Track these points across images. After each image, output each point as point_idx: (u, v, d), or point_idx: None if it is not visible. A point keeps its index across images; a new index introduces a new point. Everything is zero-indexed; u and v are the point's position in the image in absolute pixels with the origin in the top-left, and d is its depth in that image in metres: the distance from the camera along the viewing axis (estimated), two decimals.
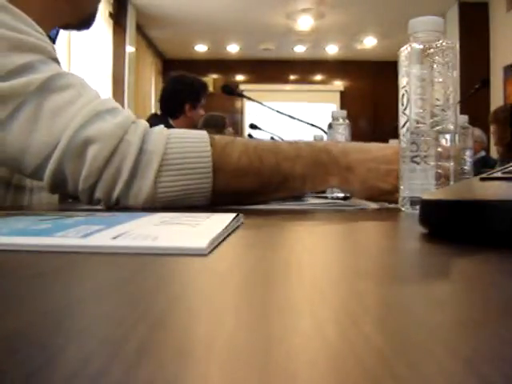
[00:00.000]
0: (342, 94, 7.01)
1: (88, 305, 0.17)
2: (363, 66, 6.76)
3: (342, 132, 1.13)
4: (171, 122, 2.26)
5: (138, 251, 0.27)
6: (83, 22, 0.86)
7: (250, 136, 2.98)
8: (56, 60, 0.62)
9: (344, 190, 0.64)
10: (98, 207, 0.62)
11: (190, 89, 2.34)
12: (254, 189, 0.59)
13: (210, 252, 0.27)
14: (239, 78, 6.95)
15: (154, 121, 2.33)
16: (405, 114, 0.61)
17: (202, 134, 0.59)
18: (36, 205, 0.76)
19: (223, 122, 3.26)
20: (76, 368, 0.11)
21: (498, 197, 0.33)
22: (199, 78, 2.37)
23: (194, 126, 2.39)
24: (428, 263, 0.28)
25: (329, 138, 1.15)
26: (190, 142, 0.57)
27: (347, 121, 1.14)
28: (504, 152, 3.03)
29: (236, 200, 0.60)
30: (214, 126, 2.71)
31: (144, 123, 0.59)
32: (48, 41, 0.63)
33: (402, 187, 0.62)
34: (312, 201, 0.85)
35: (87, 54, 4.10)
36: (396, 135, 0.65)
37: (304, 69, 6.90)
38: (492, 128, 3.33)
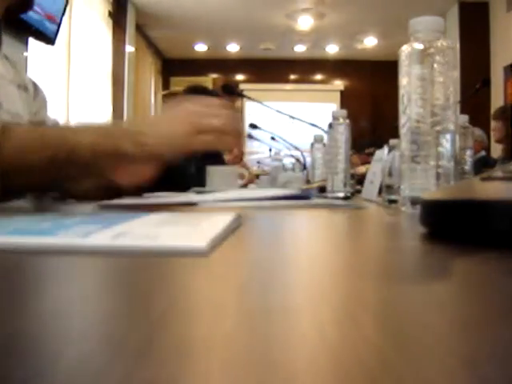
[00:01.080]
0: (342, 93, 7.01)
1: (88, 305, 0.17)
2: (363, 66, 6.76)
3: (343, 131, 1.13)
4: None
5: (137, 251, 0.27)
6: (23, 2, 0.84)
7: (249, 136, 2.99)
8: None
9: (140, 151, 0.59)
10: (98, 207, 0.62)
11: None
12: (43, 164, 0.55)
13: (210, 252, 0.27)
14: (239, 77, 6.95)
15: None
16: (405, 113, 0.61)
17: None
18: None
19: None
20: (76, 368, 0.11)
21: (498, 197, 0.33)
22: (217, 92, 2.38)
23: None
24: (428, 263, 0.28)
25: (329, 138, 1.15)
26: None
27: (347, 120, 1.14)
28: (510, 149, 3.04)
29: (28, 180, 0.56)
30: None
31: None
32: None
33: (402, 187, 0.62)
34: (312, 200, 0.85)
35: (86, 54, 4.10)
36: (396, 135, 0.65)
37: (304, 68, 6.89)
38: (495, 124, 3.32)
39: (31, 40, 3.05)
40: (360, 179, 1.43)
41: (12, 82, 0.90)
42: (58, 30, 3.20)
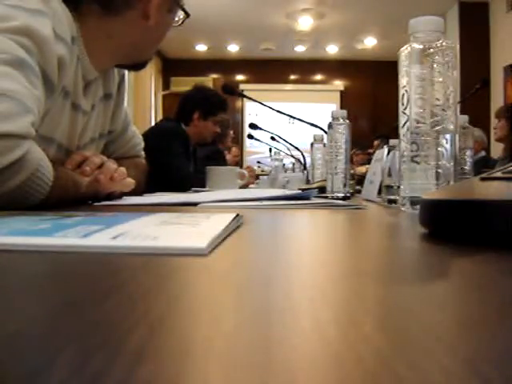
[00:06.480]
0: (342, 93, 7.01)
1: (88, 305, 0.17)
2: (363, 66, 6.76)
3: (342, 132, 1.13)
4: (184, 127, 2.23)
5: (137, 251, 0.27)
6: (136, 66, 1.02)
7: (249, 136, 2.98)
8: (16, 62, 0.64)
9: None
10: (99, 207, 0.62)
11: (202, 97, 2.26)
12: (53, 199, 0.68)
13: (210, 252, 0.27)
14: (239, 77, 6.95)
15: (165, 124, 2.28)
16: (405, 113, 0.61)
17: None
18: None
19: (228, 123, 3.26)
20: (76, 368, 0.11)
21: (498, 197, 0.33)
22: (219, 94, 2.28)
23: (202, 138, 2.31)
24: (428, 263, 0.28)
25: (329, 138, 1.15)
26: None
27: (347, 120, 1.15)
28: (510, 149, 3.04)
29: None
30: (221, 126, 2.68)
31: None
32: (26, 46, 0.66)
33: (402, 187, 0.62)
34: (312, 200, 0.85)
35: None
36: (396, 135, 0.65)
37: (304, 69, 6.90)
38: (497, 123, 3.32)
39: None
40: (360, 179, 1.43)
41: (93, 101, 0.94)
42: None
